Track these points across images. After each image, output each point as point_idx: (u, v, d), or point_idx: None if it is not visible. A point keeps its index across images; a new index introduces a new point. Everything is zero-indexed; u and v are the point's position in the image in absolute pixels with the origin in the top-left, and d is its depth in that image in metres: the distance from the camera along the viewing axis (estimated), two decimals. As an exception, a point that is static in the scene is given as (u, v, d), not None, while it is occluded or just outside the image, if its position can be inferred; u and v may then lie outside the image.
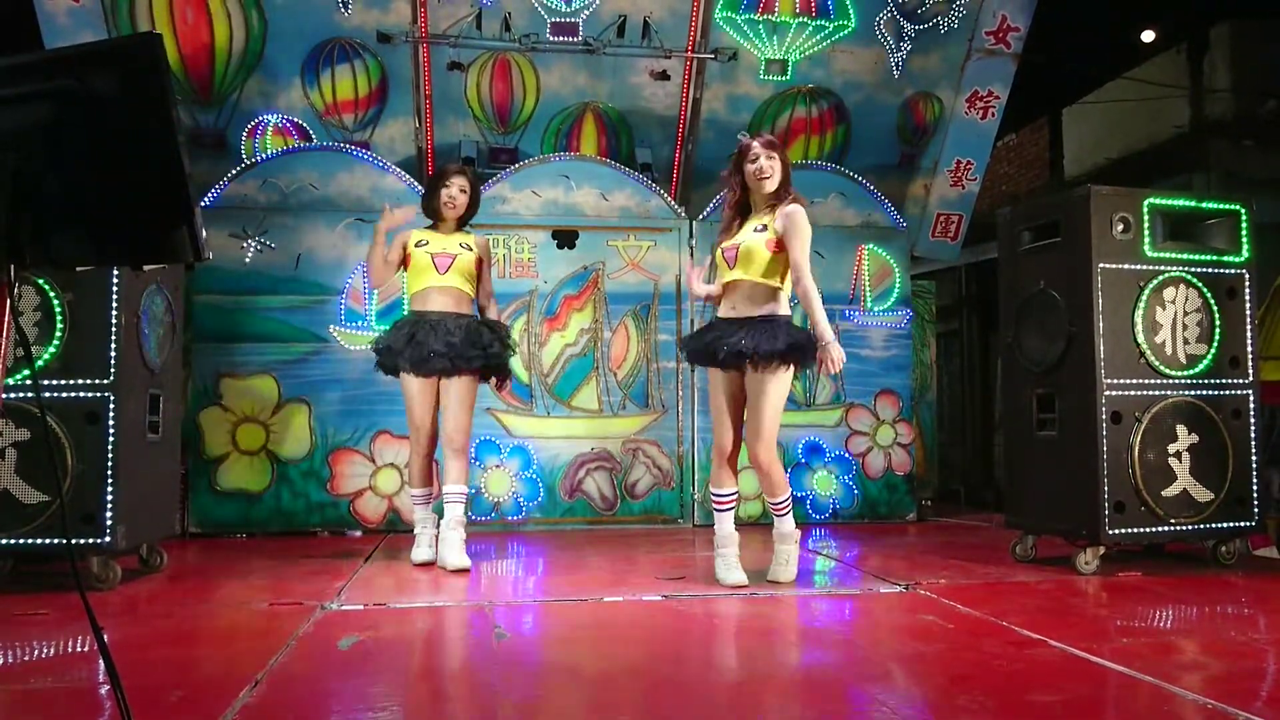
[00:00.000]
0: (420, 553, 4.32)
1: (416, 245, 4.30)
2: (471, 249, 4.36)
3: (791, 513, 3.80)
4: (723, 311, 3.78)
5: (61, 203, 1.58)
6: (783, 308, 3.69)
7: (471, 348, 4.17)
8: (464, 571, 4.10)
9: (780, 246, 3.62)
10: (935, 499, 6.66)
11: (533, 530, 5.56)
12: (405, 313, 4.46)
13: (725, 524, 3.80)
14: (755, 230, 3.69)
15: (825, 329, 3.57)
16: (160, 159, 1.51)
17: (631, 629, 3.15)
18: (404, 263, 4.34)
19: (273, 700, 2.28)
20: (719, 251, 3.79)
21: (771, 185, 3.70)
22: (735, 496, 3.83)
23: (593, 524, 5.70)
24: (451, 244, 4.33)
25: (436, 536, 4.31)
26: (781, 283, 3.68)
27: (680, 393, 5.89)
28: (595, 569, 4.29)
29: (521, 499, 5.66)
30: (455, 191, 4.35)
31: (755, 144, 3.73)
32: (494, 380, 4.39)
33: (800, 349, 3.60)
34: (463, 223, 4.45)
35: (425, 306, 4.25)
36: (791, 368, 3.64)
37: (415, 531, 4.42)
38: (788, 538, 3.79)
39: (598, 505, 5.77)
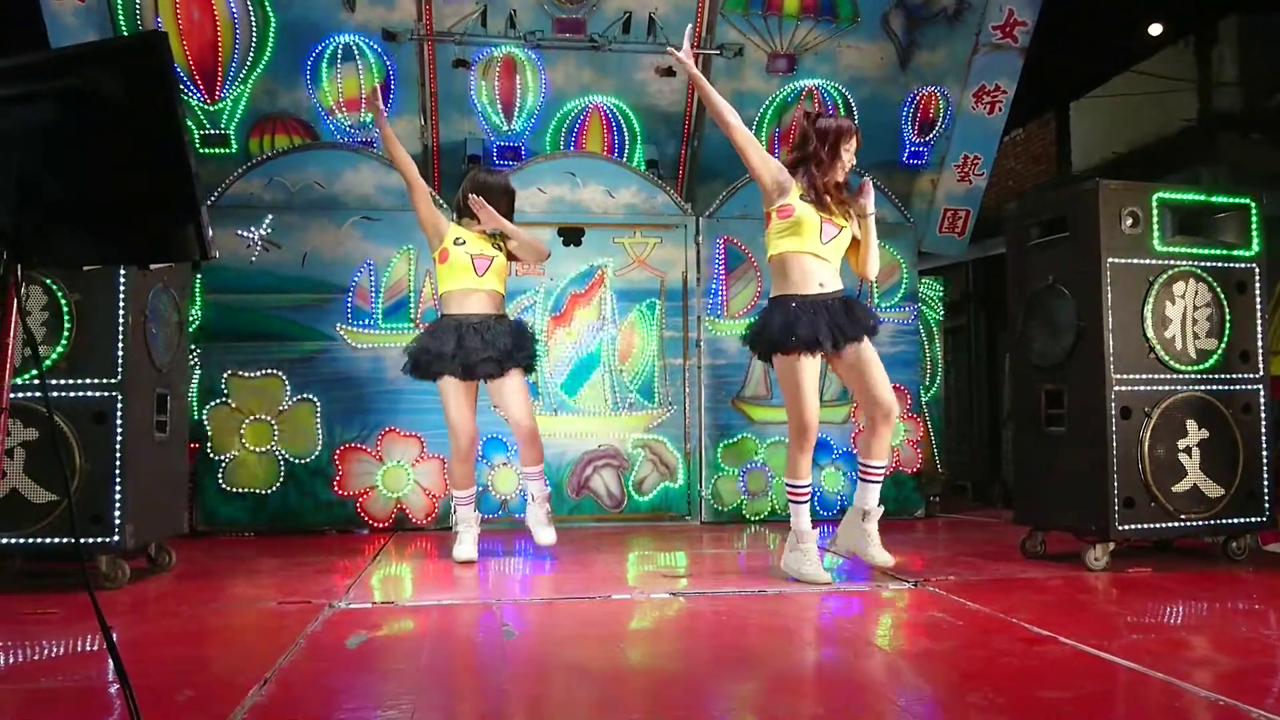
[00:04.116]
0: (464, 550, 4.30)
1: (455, 243, 4.30)
2: (503, 247, 4.38)
3: None
4: (807, 289, 3.67)
5: (68, 202, 1.58)
6: None
7: (517, 350, 4.27)
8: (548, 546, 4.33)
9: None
10: (943, 495, 6.64)
11: (540, 528, 5.55)
12: (438, 313, 4.46)
13: (806, 518, 3.76)
14: (847, 220, 3.74)
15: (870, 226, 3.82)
16: (166, 158, 1.51)
17: (640, 627, 3.14)
18: (440, 256, 4.33)
19: (282, 699, 2.28)
20: (817, 217, 3.66)
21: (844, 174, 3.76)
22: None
23: (600, 521, 5.70)
24: (487, 244, 4.35)
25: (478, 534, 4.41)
26: None
27: (687, 389, 5.88)
28: (603, 566, 4.29)
29: (529, 496, 5.65)
30: (475, 204, 4.37)
31: (848, 123, 3.74)
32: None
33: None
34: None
35: (464, 309, 4.26)
36: None
37: (459, 530, 4.39)
38: (878, 513, 3.78)
39: (605, 503, 5.77)
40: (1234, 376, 4.16)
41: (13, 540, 3.54)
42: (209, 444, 5.41)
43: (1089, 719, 2.16)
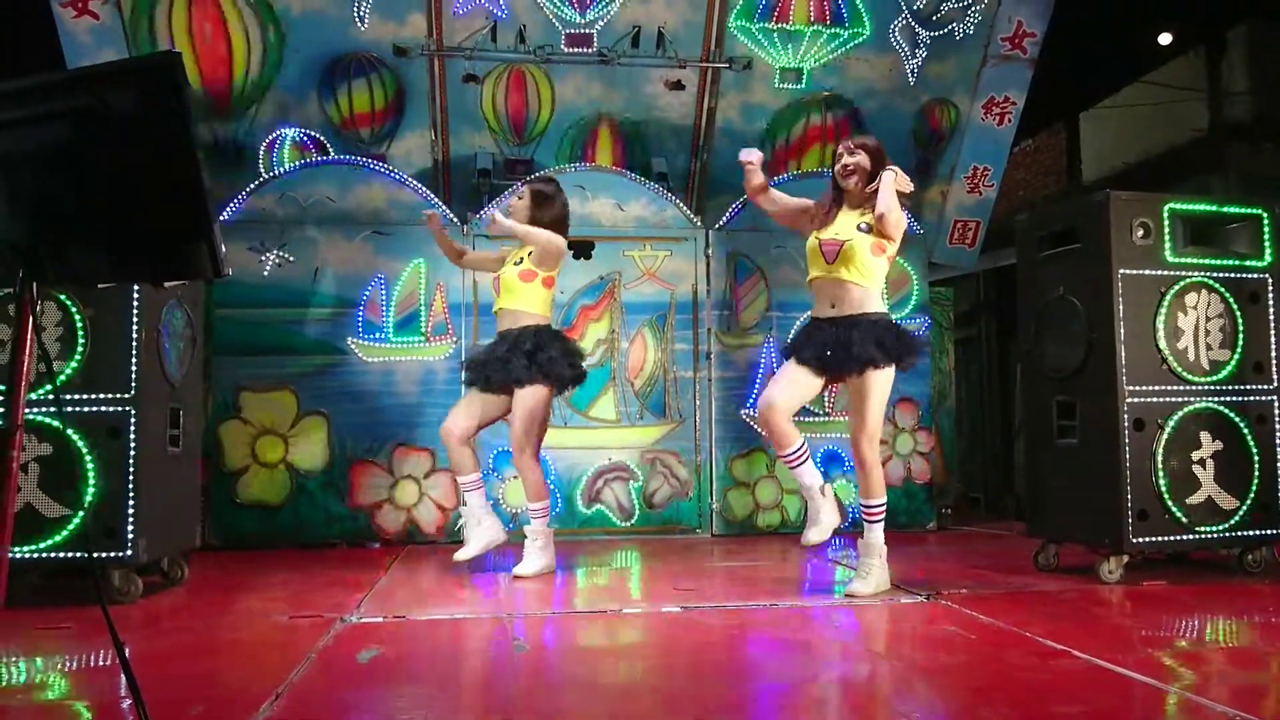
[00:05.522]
0: (464, 549, 4.31)
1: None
2: (524, 259, 4.39)
3: (883, 523, 3.75)
4: (821, 311, 3.71)
5: (82, 220, 1.59)
6: (879, 304, 3.70)
7: (534, 359, 4.20)
8: (520, 579, 4.20)
9: (882, 249, 3.66)
10: (955, 507, 6.62)
11: (551, 541, 5.55)
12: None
13: (805, 473, 3.73)
14: (860, 228, 3.66)
15: (887, 196, 3.59)
16: (180, 177, 1.52)
17: (651, 641, 3.14)
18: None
19: (293, 714, 2.28)
20: (816, 240, 3.71)
21: (855, 181, 3.72)
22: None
23: (611, 534, 5.70)
24: (512, 261, 4.42)
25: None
26: (879, 284, 3.70)
27: (698, 402, 5.87)
28: (614, 580, 4.28)
29: (539, 509, 5.65)
30: (514, 200, 4.51)
31: (841, 145, 3.79)
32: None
33: (900, 349, 3.65)
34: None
35: (498, 327, 4.41)
36: (894, 365, 3.65)
37: (464, 523, 4.42)
38: (873, 549, 3.72)
39: (616, 515, 5.76)
40: (1248, 388, 4.14)
41: (27, 554, 3.55)
42: (221, 458, 5.43)
43: (1104, 734, 2.15)
